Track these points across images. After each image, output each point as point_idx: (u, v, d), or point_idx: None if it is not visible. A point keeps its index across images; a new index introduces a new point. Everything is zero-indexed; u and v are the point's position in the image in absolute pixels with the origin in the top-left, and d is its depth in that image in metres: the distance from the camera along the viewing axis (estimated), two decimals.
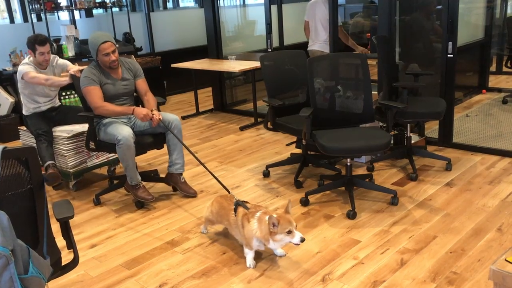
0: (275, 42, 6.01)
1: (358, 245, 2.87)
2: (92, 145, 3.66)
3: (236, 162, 4.44)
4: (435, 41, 5.16)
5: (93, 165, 4.16)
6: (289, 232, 2.48)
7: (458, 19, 4.12)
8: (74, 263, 2.10)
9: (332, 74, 3.70)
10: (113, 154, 4.10)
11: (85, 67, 3.72)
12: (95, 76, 3.52)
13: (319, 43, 5.26)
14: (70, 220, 2.00)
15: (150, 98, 3.72)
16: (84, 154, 4.10)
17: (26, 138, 4.30)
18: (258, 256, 2.82)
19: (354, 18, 7.53)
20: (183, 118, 6.13)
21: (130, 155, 3.44)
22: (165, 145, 3.72)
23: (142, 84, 3.76)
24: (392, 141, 4.24)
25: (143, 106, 3.72)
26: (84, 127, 4.01)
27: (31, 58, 4.00)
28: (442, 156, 4.04)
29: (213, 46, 6.35)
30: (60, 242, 2.03)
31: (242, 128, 5.51)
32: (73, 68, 3.97)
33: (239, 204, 2.78)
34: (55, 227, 1.97)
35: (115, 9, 7.54)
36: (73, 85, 3.83)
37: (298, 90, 4.08)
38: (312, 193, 3.52)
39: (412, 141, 4.16)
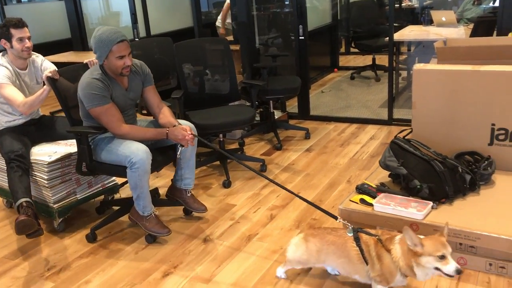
0: (142, 32, 6.12)
1: (234, 208, 3.21)
2: (84, 167, 2.87)
3: None
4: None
5: (85, 196, 3.17)
6: (442, 257, 1.91)
7: (307, 5, 4.66)
8: None
9: (200, 59, 3.99)
10: (111, 180, 3.35)
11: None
12: (105, 90, 2.68)
13: None
14: None
15: (166, 111, 2.93)
16: (73, 182, 3.08)
17: None
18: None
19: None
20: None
21: (146, 180, 2.71)
22: None
23: (152, 92, 2.96)
24: (259, 118, 4.69)
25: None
26: (70, 144, 3.12)
27: (6, 56, 3.11)
28: (301, 127, 4.58)
29: (78, 39, 6.27)
30: None
31: None
32: (47, 71, 2.94)
33: (359, 231, 2.18)
34: None
35: None
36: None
37: (169, 76, 4.30)
38: None
39: (276, 117, 4.65)
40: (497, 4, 4.17)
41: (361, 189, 2.76)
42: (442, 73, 2.98)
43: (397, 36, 4.93)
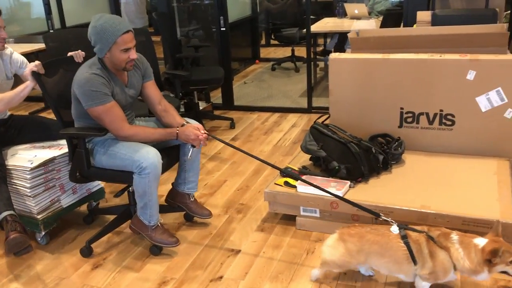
0: (57, 24, 5.87)
1: (162, 198, 3.21)
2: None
3: None
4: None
5: (70, 203, 2.83)
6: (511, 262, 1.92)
7: None
8: None
9: None
10: (96, 184, 3.03)
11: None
12: (106, 87, 2.37)
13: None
14: None
15: (171, 109, 2.64)
16: (57, 189, 2.75)
17: None
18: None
19: None
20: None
21: (156, 187, 2.46)
22: None
23: (153, 87, 2.66)
24: (183, 109, 4.70)
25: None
26: (49, 147, 2.82)
27: None
28: (226, 117, 4.67)
29: None
30: None
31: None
32: (31, 64, 2.55)
33: (405, 228, 2.07)
34: None
35: None
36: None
37: None
38: None
39: (201, 107, 4.71)
40: None
41: (285, 173, 2.90)
42: (355, 61, 3.19)
43: (314, 28, 5.16)
